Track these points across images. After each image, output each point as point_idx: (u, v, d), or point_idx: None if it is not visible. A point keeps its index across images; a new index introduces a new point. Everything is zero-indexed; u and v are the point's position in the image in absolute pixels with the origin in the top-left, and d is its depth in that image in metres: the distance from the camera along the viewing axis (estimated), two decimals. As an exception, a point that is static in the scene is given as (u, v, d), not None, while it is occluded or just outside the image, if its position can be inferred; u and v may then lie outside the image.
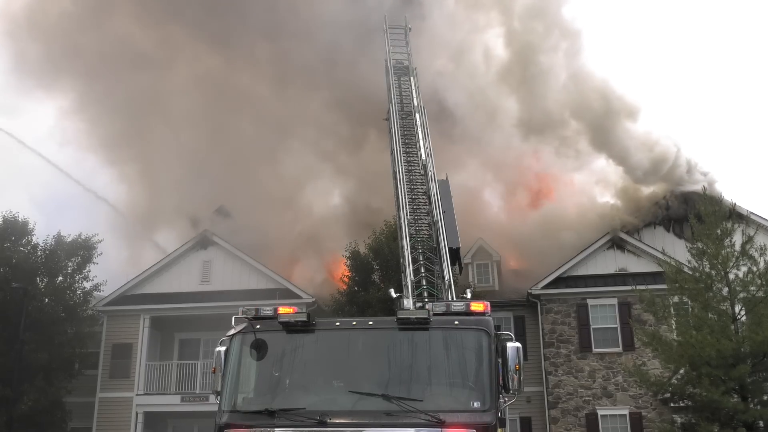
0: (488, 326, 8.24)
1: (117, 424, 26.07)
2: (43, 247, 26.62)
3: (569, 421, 24.13)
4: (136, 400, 26.36)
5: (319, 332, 8.47)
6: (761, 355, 17.18)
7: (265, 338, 8.32)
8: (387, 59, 20.32)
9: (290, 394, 8.18)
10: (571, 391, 24.40)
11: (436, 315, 8.30)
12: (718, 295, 18.22)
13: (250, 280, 27.37)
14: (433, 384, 8.02)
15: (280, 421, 7.67)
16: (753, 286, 17.83)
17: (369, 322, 8.74)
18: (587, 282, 25.45)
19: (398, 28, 21.81)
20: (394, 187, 15.56)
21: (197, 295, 27.28)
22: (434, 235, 13.44)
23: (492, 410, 7.69)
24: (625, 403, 24.01)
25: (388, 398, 7.62)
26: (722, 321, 17.72)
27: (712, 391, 16.77)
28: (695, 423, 17.72)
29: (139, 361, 26.83)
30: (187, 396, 26.27)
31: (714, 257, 18.30)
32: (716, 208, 19.37)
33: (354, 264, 24.39)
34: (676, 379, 18.51)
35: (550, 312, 25.28)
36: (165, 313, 27.40)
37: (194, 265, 28.10)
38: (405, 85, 19.17)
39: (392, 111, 17.74)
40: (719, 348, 16.65)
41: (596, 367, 24.51)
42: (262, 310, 8.62)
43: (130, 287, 27.75)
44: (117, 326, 27.39)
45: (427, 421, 7.40)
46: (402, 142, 16.58)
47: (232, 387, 8.35)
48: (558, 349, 24.86)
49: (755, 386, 17.46)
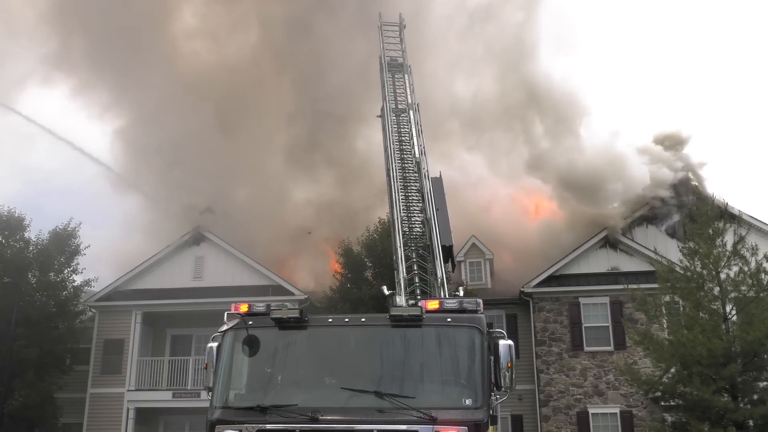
0: (480, 324, 8.25)
1: (108, 419, 26.01)
2: (36, 242, 26.54)
3: (560, 419, 24.20)
4: (127, 396, 26.30)
5: (312, 329, 8.48)
6: (752, 355, 17.25)
7: (257, 334, 8.31)
8: (381, 56, 20.30)
9: (282, 391, 8.18)
10: (563, 389, 24.47)
11: (428, 312, 8.30)
12: (710, 295, 18.28)
13: (243, 277, 27.33)
14: (426, 381, 8.03)
15: (272, 418, 7.67)
16: (744, 286, 17.89)
17: (361, 318, 8.72)
18: (579, 281, 25.50)
19: (393, 24, 21.77)
20: (387, 185, 15.56)
21: (189, 291, 27.23)
22: (427, 233, 13.45)
23: (484, 407, 7.71)
24: (616, 401, 24.09)
25: (381, 395, 7.62)
26: (713, 320, 17.78)
27: (703, 390, 16.83)
28: (686, 422, 17.78)
29: (131, 356, 26.77)
30: (178, 392, 26.23)
31: (706, 257, 18.36)
32: (708, 208, 19.44)
33: (347, 261, 24.41)
34: (667, 378, 18.56)
35: (542, 310, 25.33)
36: (157, 309, 27.34)
37: (187, 261, 28.06)
38: (399, 83, 19.17)
39: (386, 108, 17.73)
40: (710, 347, 16.71)
41: (588, 365, 24.57)
42: (255, 306, 8.61)
43: (121, 283, 27.66)
44: (109, 322, 27.32)
45: (419, 419, 7.41)
46: (396, 140, 16.59)
47: (224, 383, 8.35)
48: (550, 348, 24.92)
49: (745, 385, 17.53)
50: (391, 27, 21.63)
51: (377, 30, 21.51)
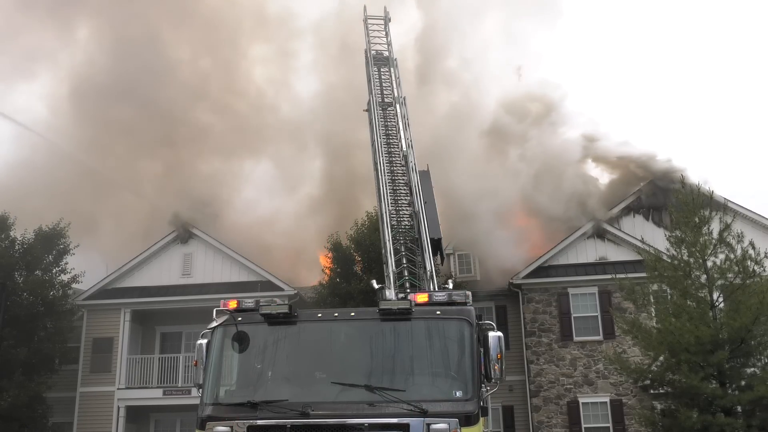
0: (470, 316, 8.27)
1: (98, 418, 25.93)
2: (21, 241, 26.29)
3: (551, 409, 24.34)
4: (117, 395, 26.24)
5: (301, 324, 8.46)
6: (739, 341, 17.37)
7: (246, 330, 8.30)
8: (367, 50, 20.25)
9: (273, 386, 8.16)
10: (553, 379, 24.60)
11: (417, 305, 8.31)
12: (697, 283, 18.39)
13: (232, 273, 27.28)
14: (416, 374, 8.04)
15: (263, 413, 7.66)
16: (730, 273, 17.99)
17: (351, 313, 8.70)
18: (568, 271, 25.61)
19: (378, 18, 21.70)
20: (375, 179, 15.52)
21: (178, 288, 27.16)
22: (416, 226, 13.44)
23: (474, 399, 7.74)
24: (605, 390, 24.25)
25: (371, 389, 7.63)
26: (700, 308, 17.89)
27: (691, 377, 16.95)
28: (675, 409, 17.90)
29: (120, 355, 26.68)
30: (169, 389, 26.19)
31: (692, 245, 18.46)
32: (694, 196, 19.53)
33: (336, 256, 24.38)
34: (656, 366, 18.67)
35: (531, 301, 25.43)
36: (146, 307, 27.26)
37: (175, 258, 27.94)
38: (385, 76, 19.12)
39: (372, 102, 17.69)
40: (698, 334, 16.82)
41: (577, 355, 24.71)
42: (244, 302, 8.59)
43: (110, 281, 27.55)
44: (97, 320, 27.20)
45: (410, 411, 7.42)
46: (383, 133, 16.56)
47: (214, 380, 8.33)
48: (539, 338, 25.03)
49: (733, 372, 17.66)
50: (376, 20, 21.58)
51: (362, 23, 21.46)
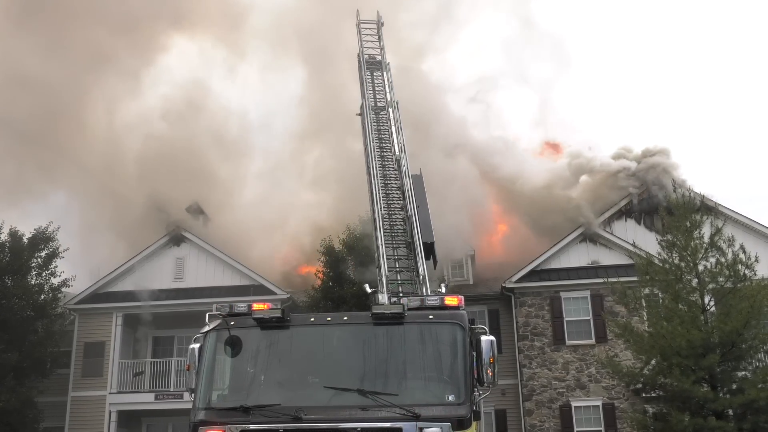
0: (462, 320, 8.29)
1: (90, 423, 25.79)
2: (10, 245, 26.09)
3: (543, 413, 24.36)
4: (109, 399, 26.10)
5: (294, 328, 8.47)
6: (730, 345, 17.44)
7: (239, 335, 8.30)
8: (359, 54, 20.28)
9: (265, 391, 8.16)
10: (545, 383, 24.63)
11: (410, 309, 8.32)
12: (688, 286, 18.45)
13: (224, 277, 27.20)
14: (408, 378, 8.05)
15: (255, 418, 7.66)
16: (721, 277, 18.06)
17: (344, 317, 8.73)
18: (560, 275, 25.65)
19: (370, 22, 21.73)
20: (367, 183, 15.54)
21: (171, 292, 27.01)
22: (408, 230, 13.47)
23: (467, 403, 7.75)
24: (598, 394, 24.30)
25: (364, 393, 7.64)
26: (692, 312, 17.95)
27: (683, 380, 17.01)
28: (666, 412, 17.95)
29: (112, 359, 26.57)
30: (161, 394, 26.07)
31: (683, 249, 18.53)
32: (685, 200, 19.62)
33: (328, 260, 24.37)
34: (648, 370, 18.73)
35: (524, 305, 25.47)
36: (138, 311, 27.10)
37: (167, 262, 27.81)
38: (378, 80, 19.15)
39: (365, 106, 17.72)
40: (689, 338, 16.89)
41: (570, 359, 24.76)
42: (236, 306, 8.58)
43: (101, 285, 27.40)
44: (89, 324, 27.07)
45: (403, 416, 7.43)
46: (375, 138, 16.59)
47: (207, 384, 8.31)
48: (532, 342, 25.07)
49: (724, 375, 17.73)
50: (368, 24, 21.61)
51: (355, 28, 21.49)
